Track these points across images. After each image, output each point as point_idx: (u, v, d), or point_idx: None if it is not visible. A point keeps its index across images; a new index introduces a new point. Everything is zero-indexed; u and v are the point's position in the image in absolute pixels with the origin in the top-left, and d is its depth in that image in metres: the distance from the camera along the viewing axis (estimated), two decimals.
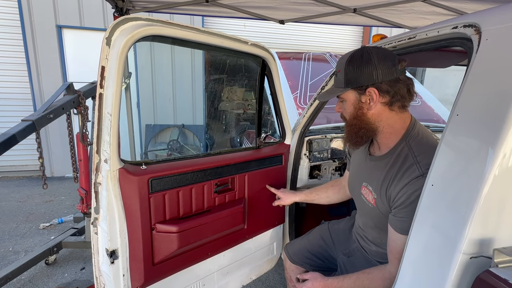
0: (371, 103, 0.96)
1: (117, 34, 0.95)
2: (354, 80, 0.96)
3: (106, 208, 1.08)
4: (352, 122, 1.02)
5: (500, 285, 0.56)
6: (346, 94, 1.01)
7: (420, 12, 2.47)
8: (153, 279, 1.21)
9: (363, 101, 0.97)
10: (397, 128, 0.99)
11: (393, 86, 0.94)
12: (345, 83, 0.98)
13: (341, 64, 1.01)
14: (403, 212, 0.89)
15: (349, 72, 0.97)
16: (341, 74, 1.00)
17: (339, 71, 1.01)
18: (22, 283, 2.23)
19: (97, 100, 1.00)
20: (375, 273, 0.97)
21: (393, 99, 0.95)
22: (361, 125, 1.00)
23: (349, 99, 1.01)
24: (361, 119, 1.00)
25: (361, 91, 0.97)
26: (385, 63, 0.93)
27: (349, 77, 0.97)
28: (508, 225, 0.66)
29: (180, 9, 2.56)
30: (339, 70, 1.02)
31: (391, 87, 0.94)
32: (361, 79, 0.95)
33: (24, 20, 4.41)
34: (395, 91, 0.95)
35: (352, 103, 1.00)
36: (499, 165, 0.64)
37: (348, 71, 0.97)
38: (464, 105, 0.73)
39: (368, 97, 0.96)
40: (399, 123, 0.99)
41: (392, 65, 0.94)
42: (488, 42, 0.72)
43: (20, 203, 3.76)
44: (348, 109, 1.03)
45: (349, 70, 0.97)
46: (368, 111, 0.98)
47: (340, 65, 1.01)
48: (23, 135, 1.69)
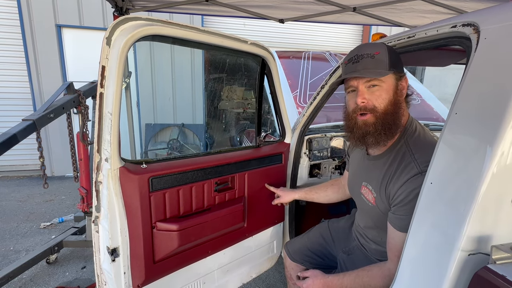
0: (403, 90, 0.97)
1: (117, 34, 0.96)
2: (397, 64, 0.94)
3: (107, 206, 1.09)
4: (389, 110, 0.93)
5: (498, 282, 0.57)
6: (387, 78, 0.93)
7: (419, 10, 2.48)
8: (154, 277, 1.22)
9: (399, 88, 0.95)
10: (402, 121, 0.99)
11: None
12: (390, 65, 0.92)
13: (376, 47, 0.94)
14: (402, 210, 0.90)
15: (392, 55, 0.93)
16: (382, 55, 0.93)
17: (377, 52, 0.93)
18: (23, 282, 2.24)
19: (98, 100, 1.00)
20: (375, 271, 0.98)
21: (408, 91, 0.99)
22: (398, 113, 0.94)
23: (389, 84, 0.93)
24: (399, 106, 0.94)
25: (399, 77, 0.95)
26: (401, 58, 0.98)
27: (393, 60, 0.93)
28: (506, 222, 0.67)
29: (179, 8, 2.56)
30: (377, 52, 0.93)
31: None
32: (400, 66, 0.95)
33: (24, 19, 4.41)
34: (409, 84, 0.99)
35: (392, 88, 0.94)
36: (497, 163, 0.64)
37: (392, 54, 0.93)
38: (462, 103, 0.73)
39: (402, 84, 0.96)
40: (403, 119, 0.99)
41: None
42: (486, 41, 0.72)
43: (20, 202, 3.77)
44: (386, 94, 0.93)
45: (392, 53, 0.93)
46: (402, 98, 0.97)
47: (376, 48, 0.94)
48: (24, 135, 1.70)
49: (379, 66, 0.93)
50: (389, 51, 0.94)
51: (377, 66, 0.93)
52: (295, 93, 2.85)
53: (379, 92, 0.93)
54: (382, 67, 0.92)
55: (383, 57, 0.93)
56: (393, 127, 0.94)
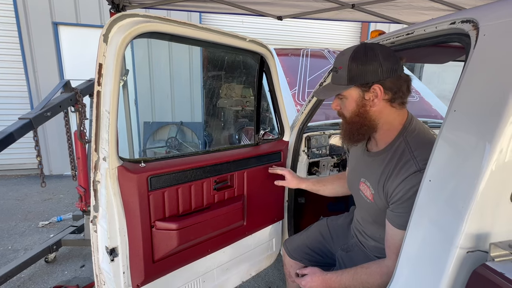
0: (375, 99, 0.95)
1: (114, 31, 0.94)
2: (359, 76, 0.94)
3: (105, 206, 1.08)
4: (354, 120, 1.00)
5: (496, 279, 0.57)
6: (348, 92, 0.98)
7: (418, 7, 2.47)
8: (153, 276, 1.22)
9: (367, 98, 0.96)
10: (395, 124, 0.99)
11: (396, 83, 0.95)
12: (348, 80, 0.95)
13: (342, 61, 0.97)
14: (400, 207, 0.90)
15: (353, 69, 0.94)
16: (343, 70, 0.96)
17: (340, 67, 0.98)
18: (22, 281, 2.23)
19: (95, 98, 0.99)
20: (373, 268, 0.98)
21: (395, 96, 0.96)
22: (363, 123, 0.99)
23: (351, 96, 0.98)
24: (363, 116, 0.98)
25: (366, 88, 0.95)
26: (389, 60, 0.94)
27: (353, 74, 0.94)
28: (504, 219, 0.67)
29: (177, 5, 2.54)
30: (340, 67, 0.98)
31: (394, 84, 0.95)
32: (366, 76, 0.93)
33: (20, 17, 4.36)
34: (398, 88, 0.95)
35: (355, 100, 0.98)
36: (496, 160, 0.64)
37: (352, 68, 0.94)
38: (461, 100, 0.73)
39: (372, 94, 0.95)
40: (397, 119, 0.99)
41: (395, 62, 0.95)
42: (485, 37, 0.72)
43: (18, 201, 3.76)
44: (350, 106, 1.00)
45: (353, 66, 0.94)
46: (371, 108, 0.97)
47: (341, 61, 0.98)
48: (21, 133, 1.69)
49: (339, 81, 0.99)
50: (350, 66, 0.94)
51: (338, 81, 1.00)
52: (293, 91, 2.85)
53: (344, 103, 1.03)
54: (341, 82, 0.98)
55: (343, 72, 0.97)
56: (361, 133, 1.01)
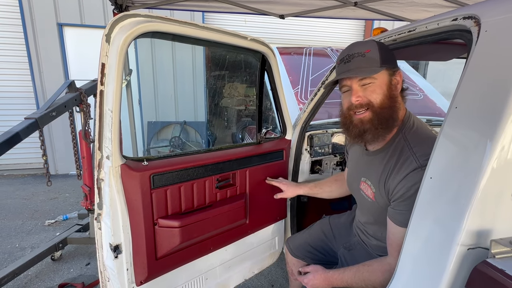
0: (398, 85, 0.98)
1: (116, 30, 0.95)
2: (389, 60, 0.96)
3: (109, 203, 1.09)
4: (385, 104, 0.95)
5: (497, 275, 0.57)
6: (380, 74, 0.95)
7: (421, 4, 2.45)
8: (156, 273, 1.23)
9: (393, 83, 0.97)
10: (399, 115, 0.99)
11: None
12: (381, 61, 0.94)
13: (367, 45, 0.96)
14: (402, 205, 0.89)
15: (383, 52, 0.95)
16: (373, 53, 0.94)
17: (367, 50, 0.95)
18: (29, 278, 2.27)
19: (98, 97, 1.01)
20: (375, 265, 0.98)
21: (404, 85, 1.02)
22: (394, 107, 0.96)
23: (382, 79, 0.95)
24: (394, 100, 0.96)
25: (392, 72, 0.97)
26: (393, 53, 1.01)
27: (384, 56, 0.94)
28: (505, 216, 0.66)
29: (179, 5, 2.55)
30: (367, 50, 0.95)
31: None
32: (393, 60, 0.97)
33: (25, 18, 4.42)
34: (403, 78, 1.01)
35: (386, 83, 0.96)
36: (497, 158, 0.64)
37: (382, 50, 0.95)
38: (463, 97, 0.72)
39: (396, 79, 0.98)
40: (399, 114, 0.99)
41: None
42: (487, 33, 0.71)
43: (25, 200, 3.81)
44: (381, 89, 0.95)
45: (383, 49, 0.95)
46: (397, 92, 0.99)
47: (365, 47, 0.96)
48: (26, 133, 1.71)
49: (370, 64, 0.94)
50: (380, 48, 0.95)
51: (369, 64, 0.94)
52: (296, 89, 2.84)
53: (373, 87, 0.95)
54: (374, 64, 0.94)
55: (373, 54, 0.94)
56: (390, 121, 0.96)
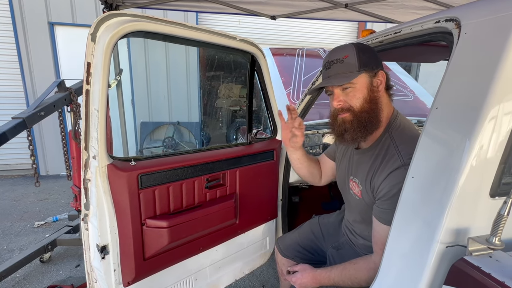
0: (380, 86, 0.99)
1: (102, 30, 0.95)
2: (368, 62, 0.97)
3: (96, 204, 1.08)
4: (365, 108, 0.97)
5: (474, 272, 0.58)
6: (358, 78, 0.97)
7: (411, 7, 2.48)
8: (144, 274, 1.23)
9: (374, 84, 0.98)
10: (383, 118, 1.01)
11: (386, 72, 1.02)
12: (359, 65, 0.95)
13: (344, 51, 0.98)
14: (386, 203, 0.91)
15: (361, 55, 0.96)
16: (351, 58, 0.96)
17: (345, 56, 0.97)
18: (16, 281, 2.23)
19: (84, 96, 1.00)
20: (360, 263, 0.99)
21: (389, 84, 1.03)
22: (374, 110, 0.97)
23: (362, 83, 0.97)
24: (375, 102, 0.98)
25: (372, 74, 0.98)
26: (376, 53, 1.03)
27: (362, 60, 0.96)
28: (483, 214, 0.68)
29: (171, 5, 2.54)
30: (345, 56, 0.97)
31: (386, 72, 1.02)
32: (373, 62, 0.98)
33: (16, 17, 4.36)
34: (387, 77, 1.02)
35: (366, 87, 0.97)
36: (476, 156, 0.65)
37: (360, 54, 0.96)
38: (443, 98, 0.74)
39: (378, 80, 0.98)
40: (386, 112, 1.02)
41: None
42: (466, 35, 0.73)
43: (14, 201, 3.75)
44: (360, 93, 0.97)
45: (361, 53, 0.96)
46: (378, 93, 0.99)
47: (344, 52, 0.98)
48: (14, 133, 1.69)
49: (348, 69, 0.97)
50: (358, 52, 0.96)
51: (347, 70, 0.98)
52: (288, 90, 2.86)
53: (353, 92, 0.98)
54: (351, 69, 0.97)
55: (351, 59, 0.96)
56: (369, 124, 0.98)
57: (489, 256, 0.60)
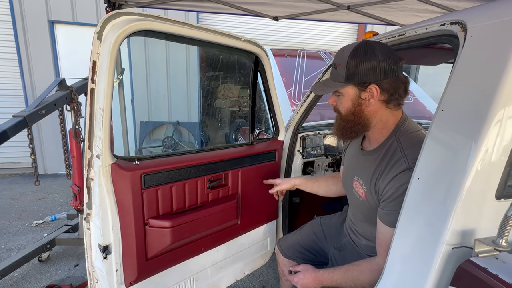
0: (371, 99, 0.95)
1: (108, 28, 0.95)
2: (357, 75, 0.93)
3: (98, 203, 1.08)
4: (348, 118, 1.00)
5: (480, 274, 0.58)
6: (345, 89, 0.97)
7: (413, 10, 2.49)
8: (146, 274, 1.22)
9: (363, 97, 0.95)
10: (389, 123, 1.01)
11: (393, 84, 0.94)
12: (346, 78, 0.95)
13: (342, 57, 0.96)
14: (390, 205, 0.91)
15: (351, 67, 0.93)
16: (341, 68, 0.95)
17: (339, 64, 0.96)
18: (14, 280, 2.22)
19: (89, 95, 1.00)
20: (364, 265, 0.99)
21: (391, 97, 0.95)
22: (357, 121, 0.99)
23: (348, 94, 0.98)
24: (358, 115, 0.98)
25: (362, 88, 0.94)
26: (389, 60, 0.92)
27: (351, 72, 0.94)
28: (489, 216, 0.68)
29: (173, 5, 2.54)
30: (339, 63, 0.96)
31: (391, 85, 0.93)
32: (364, 75, 0.92)
33: (15, 15, 4.33)
34: (394, 89, 0.95)
35: (351, 99, 0.97)
36: (482, 159, 0.66)
37: (351, 66, 0.93)
38: (449, 100, 0.74)
39: (368, 93, 0.94)
40: (391, 119, 1.00)
41: (394, 62, 0.93)
42: (473, 39, 0.73)
43: (12, 200, 3.72)
44: (345, 104, 0.99)
45: (352, 64, 0.93)
46: (366, 107, 0.97)
47: (341, 58, 0.96)
48: (15, 131, 1.68)
49: (337, 78, 0.99)
50: (349, 64, 0.93)
51: (336, 78, 0.99)
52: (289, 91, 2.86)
53: (341, 100, 1.03)
54: (339, 79, 0.98)
55: (341, 70, 0.96)
56: (351, 131, 1.02)
57: (496, 258, 0.61)
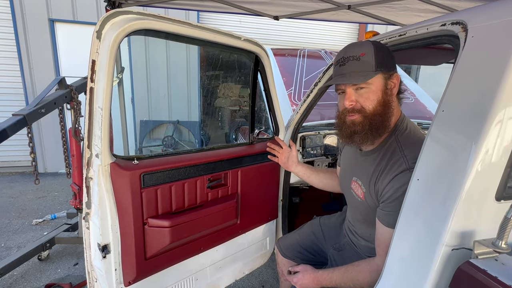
0: (394, 89, 0.97)
1: (107, 27, 0.94)
2: (386, 63, 0.93)
3: (97, 202, 1.08)
4: (378, 111, 0.94)
5: (480, 276, 0.58)
6: (374, 79, 0.92)
7: (414, 9, 2.48)
8: (145, 274, 1.22)
9: (388, 87, 0.95)
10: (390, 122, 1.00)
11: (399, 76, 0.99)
12: (376, 65, 0.91)
13: (362, 48, 0.93)
14: (390, 206, 0.91)
15: (379, 55, 0.92)
16: (368, 56, 0.92)
17: (362, 54, 0.92)
18: (14, 279, 2.22)
19: (88, 94, 0.99)
20: (363, 266, 0.99)
21: (401, 88, 1.00)
22: (387, 112, 0.95)
23: (377, 84, 0.93)
24: (388, 105, 0.95)
25: (388, 76, 0.94)
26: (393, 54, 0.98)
27: (380, 60, 0.91)
28: (488, 218, 0.68)
29: (174, 4, 2.54)
30: (362, 53, 0.92)
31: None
32: (389, 63, 0.95)
33: (16, 13, 4.33)
34: (400, 80, 1.00)
35: (381, 89, 0.94)
36: (482, 160, 0.65)
37: (379, 53, 0.92)
38: (449, 101, 0.74)
39: (392, 82, 0.96)
40: (395, 116, 1.00)
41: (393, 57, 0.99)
42: (473, 39, 0.73)
43: (12, 199, 3.73)
44: (374, 95, 0.93)
45: (379, 52, 0.92)
46: (392, 97, 0.97)
47: (361, 49, 0.93)
48: (14, 130, 1.68)
49: (365, 68, 0.93)
50: (376, 51, 0.92)
51: (363, 69, 0.93)
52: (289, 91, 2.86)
53: (367, 94, 0.94)
54: (368, 68, 0.92)
55: (368, 58, 0.92)
56: (381, 127, 0.96)
57: (495, 260, 0.60)
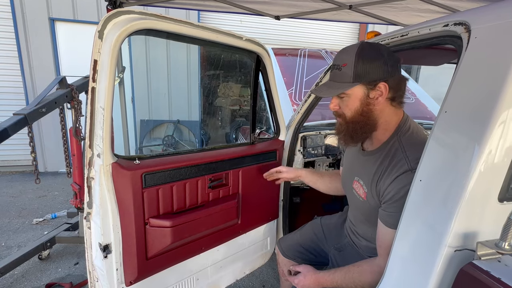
0: (379, 98, 0.95)
1: (109, 27, 0.94)
2: (365, 74, 0.92)
3: (99, 202, 1.08)
4: (357, 119, 0.98)
5: (482, 277, 0.58)
6: (352, 90, 0.95)
7: (415, 9, 2.48)
8: (146, 274, 1.22)
9: (371, 96, 0.95)
10: (391, 123, 1.00)
11: (397, 82, 0.96)
12: (354, 77, 0.93)
13: (346, 58, 0.95)
14: (392, 207, 0.91)
15: (359, 66, 0.92)
16: (348, 68, 0.93)
17: (344, 64, 0.94)
18: (15, 278, 2.22)
19: (90, 94, 0.99)
20: (365, 266, 0.99)
21: (396, 94, 0.97)
22: (367, 122, 0.97)
23: (356, 95, 0.95)
24: (367, 115, 0.97)
25: (371, 86, 0.93)
26: (393, 59, 0.95)
27: (359, 71, 0.92)
28: (491, 219, 0.68)
29: (175, 3, 2.53)
30: (344, 64, 0.94)
31: (396, 82, 0.95)
32: (373, 74, 0.92)
33: (16, 12, 4.32)
34: (399, 86, 0.97)
35: (359, 99, 0.95)
36: (485, 161, 0.65)
37: (358, 65, 0.92)
38: (452, 102, 0.74)
39: (377, 92, 0.94)
40: (394, 119, 1.00)
41: (397, 61, 0.96)
42: (477, 40, 0.73)
43: (12, 198, 3.73)
44: (353, 105, 0.97)
45: (360, 63, 0.92)
46: (374, 107, 0.96)
47: (345, 59, 0.95)
48: (15, 129, 1.68)
49: (343, 79, 0.96)
50: (357, 63, 0.92)
51: (341, 79, 0.96)
52: (290, 91, 2.86)
53: (346, 102, 0.99)
54: (345, 79, 0.95)
55: (348, 70, 0.94)
56: (359, 134, 1.00)
57: (498, 261, 0.60)
